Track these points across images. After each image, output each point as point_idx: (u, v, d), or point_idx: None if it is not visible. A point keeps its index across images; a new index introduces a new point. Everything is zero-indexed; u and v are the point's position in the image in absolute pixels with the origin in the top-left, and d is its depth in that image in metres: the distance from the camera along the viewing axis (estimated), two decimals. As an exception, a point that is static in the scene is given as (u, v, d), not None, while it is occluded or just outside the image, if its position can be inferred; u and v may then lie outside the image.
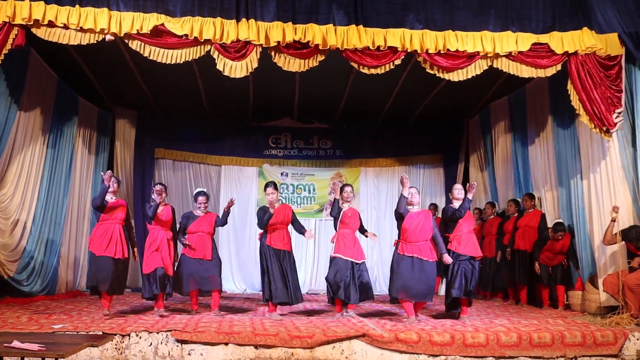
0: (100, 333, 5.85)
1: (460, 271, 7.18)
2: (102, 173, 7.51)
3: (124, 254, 7.27)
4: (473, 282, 7.22)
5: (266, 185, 7.54)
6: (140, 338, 5.92)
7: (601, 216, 7.79)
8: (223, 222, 7.99)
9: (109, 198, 7.34)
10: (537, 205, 9.53)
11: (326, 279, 7.41)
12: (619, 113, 7.50)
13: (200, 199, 7.81)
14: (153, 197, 7.55)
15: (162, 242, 7.49)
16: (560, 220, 8.73)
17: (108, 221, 7.27)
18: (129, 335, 5.91)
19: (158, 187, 7.59)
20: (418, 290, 6.99)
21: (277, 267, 7.32)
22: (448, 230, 7.43)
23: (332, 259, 7.47)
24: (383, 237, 11.93)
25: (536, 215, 9.36)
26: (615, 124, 7.49)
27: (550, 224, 9.00)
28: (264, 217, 7.35)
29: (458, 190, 7.46)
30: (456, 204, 7.38)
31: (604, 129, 7.51)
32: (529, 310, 8.57)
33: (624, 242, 7.39)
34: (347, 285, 7.26)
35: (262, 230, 7.50)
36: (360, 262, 7.46)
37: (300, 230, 7.69)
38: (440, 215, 10.80)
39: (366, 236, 7.76)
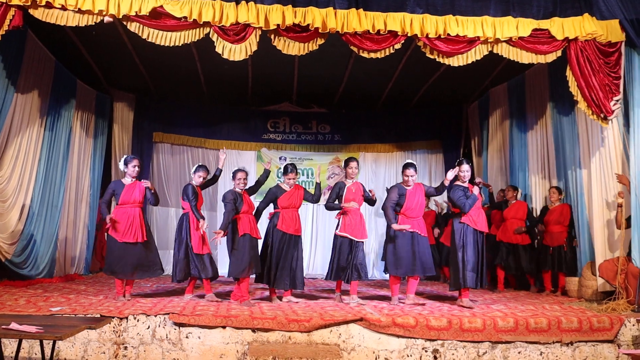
0: (98, 316, 5.86)
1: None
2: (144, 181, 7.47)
3: (144, 237, 7.31)
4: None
5: (290, 170, 7.49)
6: (138, 321, 5.93)
7: (601, 202, 7.81)
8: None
9: (129, 180, 7.42)
10: (533, 193, 9.60)
11: (331, 261, 7.36)
12: (617, 100, 7.49)
13: (240, 174, 7.46)
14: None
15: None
16: (557, 185, 9.01)
17: (127, 205, 7.30)
18: (126, 318, 5.92)
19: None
20: (417, 264, 7.21)
21: (282, 253, 7.30)
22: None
23: (337, 238, 7.38)
24: (380, 223, 11.96)
25: (522, 206, 9.38)
26: (613, 111, 7.48)
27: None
28: (269, 197, 7.43)
29: (464, 172, 7.46)
30: (460, 184, 7.46)
31: (602, 116, 7.50)
32: (526, 295, 8.60)
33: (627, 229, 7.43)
34: (349, 266, 7.26)
35: (272, 211, 7.52)
36: (361, 240, 7.40)
37: (317, 197, 7.74)
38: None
39: (373, 200, 7.73)
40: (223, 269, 8.55)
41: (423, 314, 6.33)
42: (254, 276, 7.38)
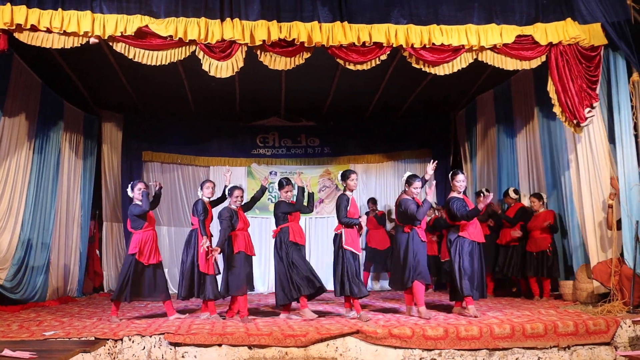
0: (93, 338, 5.80)
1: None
2: (152, 182, 7.68)
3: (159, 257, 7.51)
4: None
5: (286, 184, 7.52)
6: (133, 342, 5.88)
7: (592, 205, 7.85)
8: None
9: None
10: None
11: (349, 275, 7.08)
12: (593, 107, 7.56)
13: (237, 192, 7.42)
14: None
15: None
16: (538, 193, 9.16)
17: (149, 228, 7.37)
18: (121, 339, 5.87)
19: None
20: (428, 273, 7.32)
21: (303, 261, 7.26)
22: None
23: (345, 251, 7.13)
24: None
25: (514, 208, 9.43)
26: (586, 119, 7.55)
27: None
28: (291, 209, 7.40)
29: (460, 182, 7.41)
30: (457, 195, 7.36)
31: (575, 122, 7.59)
32: (522, 301, 8.61)
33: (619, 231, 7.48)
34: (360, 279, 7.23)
35: (277, 228, 7.41)
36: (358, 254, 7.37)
37: (311, 207, 7.85)
38: (380, 209, 11.00)
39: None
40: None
41: (419, 324, 6.32)
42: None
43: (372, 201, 11.75)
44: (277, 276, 7.33)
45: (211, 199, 7.77)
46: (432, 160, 7.77)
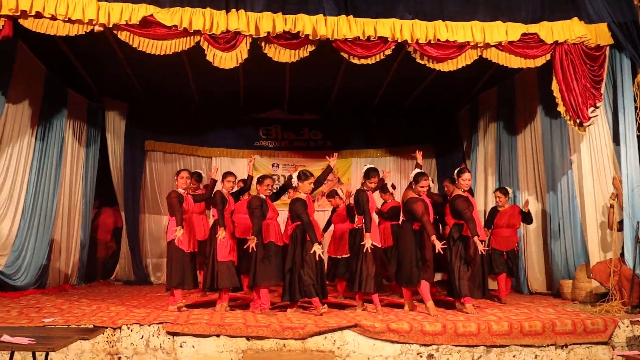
0: (92, 326, 5.84)
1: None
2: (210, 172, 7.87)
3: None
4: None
5: (307, 177, 7.17)
6: (131, 331, 5.91)
7: (594, 204, 7.84)
8: None
9: (182, 192, 7.41)
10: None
11: (368, 270, 6.98)
12: (596, 107, 7.54)
13: (268, 180, 7.37)
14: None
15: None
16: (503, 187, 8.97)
17: (188, 214, 7.51)
18: (120, 328, 5.90)
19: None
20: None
21: (318, 261, 6.97)
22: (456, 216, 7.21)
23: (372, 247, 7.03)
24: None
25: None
26: (590, 118, 7.53)
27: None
28: (306, 210, 7.00)
29: (466, 181, 7.24)
30: (462, 193, 7.18)
31: (578, 121, 7.57)
32: (519, 299, 8.60)
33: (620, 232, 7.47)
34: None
35: (294, 223, 7.12)
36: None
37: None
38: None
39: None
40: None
41: (417, 319, 6.34)
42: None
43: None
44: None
45: (232, 192, 7.76)
46: (417, 151, 7.90)
